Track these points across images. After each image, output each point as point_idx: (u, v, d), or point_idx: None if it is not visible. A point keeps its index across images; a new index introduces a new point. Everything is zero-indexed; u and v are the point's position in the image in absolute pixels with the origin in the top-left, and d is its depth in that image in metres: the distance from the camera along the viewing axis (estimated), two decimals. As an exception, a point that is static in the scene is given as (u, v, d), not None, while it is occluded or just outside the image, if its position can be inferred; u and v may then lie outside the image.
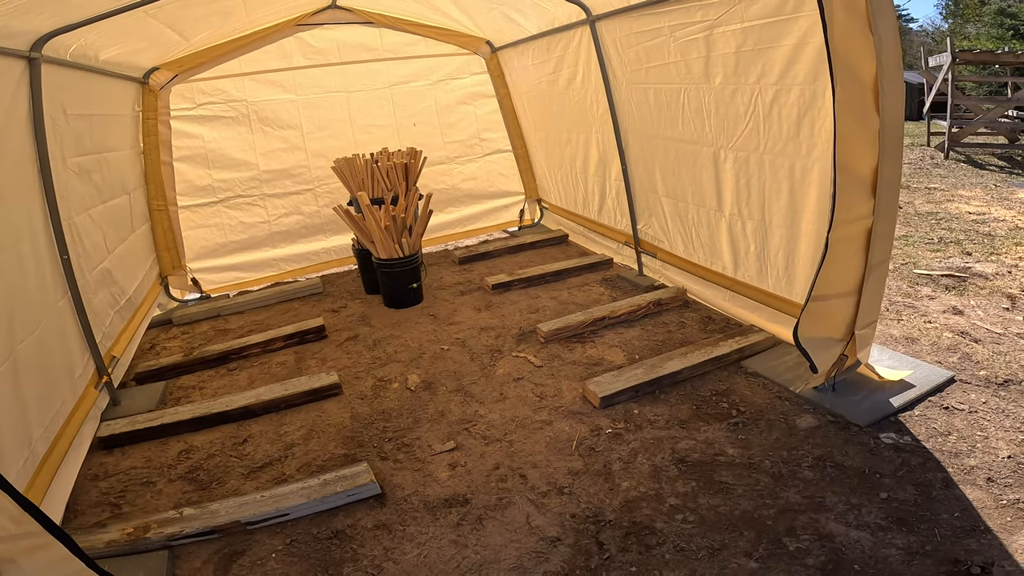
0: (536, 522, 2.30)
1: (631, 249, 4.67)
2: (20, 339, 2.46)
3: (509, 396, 3.20)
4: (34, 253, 2.76)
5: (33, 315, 2.65)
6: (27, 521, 1.51)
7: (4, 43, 2.55)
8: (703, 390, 3.08)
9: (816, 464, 2.47)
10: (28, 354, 2.50)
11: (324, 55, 5.21)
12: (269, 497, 2.44)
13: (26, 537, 1.53)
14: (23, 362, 2.44)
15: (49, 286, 2.87)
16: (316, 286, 5.02)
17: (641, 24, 3.70)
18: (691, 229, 3.89)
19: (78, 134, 3.42)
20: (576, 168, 5.24)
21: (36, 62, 2.84)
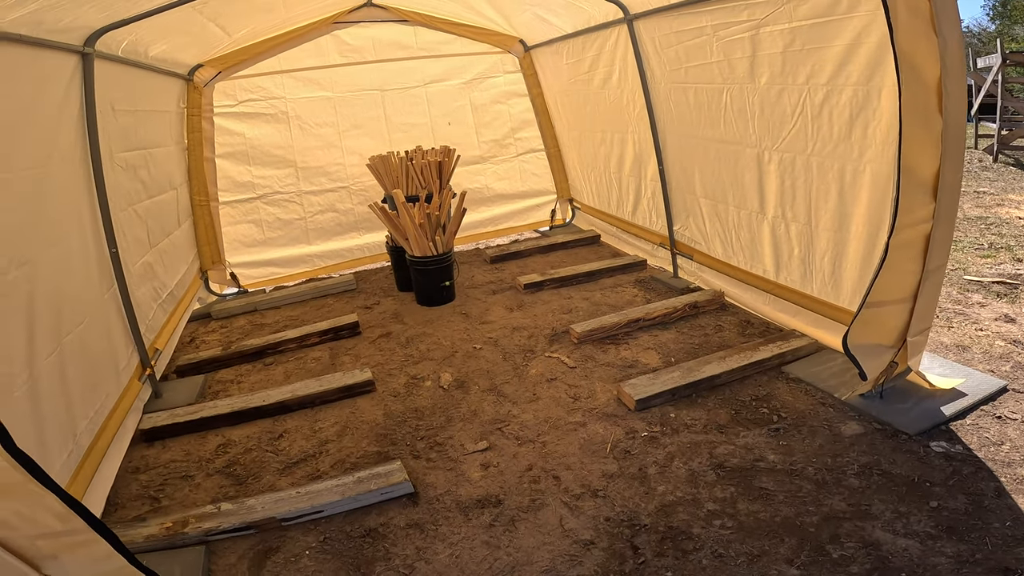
0: (569, 525, 2.28)
1: (666, 251, 4.59)
2: (67, 332, 2.50)
3: (542, 397, 3.17)
4: (82, 247, 2.81)
5: (80, 308, 2.69)
6: (72, 519, 1.51)
7: (58, 37, 2.58)
8: (742, 395, 3.01)
9: (862, 472, 2.40)
10: (75, 346, 2.54)
11: (360, 53, 5.26)
12: (304, 494, 2.45)
13: (70, 534, 1.54)
14: (70, 354, 2.48)
15: (96, 279, 2.92)
16: (349, 283, 5.07)
17: (682, 23, 3.63)
18: (731, 231, 3.81)
19: (125, 130, 3.48)
20: (610, 168, 5.18)
21: (89, 57, 2.88)
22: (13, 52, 2.28)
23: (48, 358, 2.31)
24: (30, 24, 2.31)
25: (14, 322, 2.13)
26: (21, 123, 2.36)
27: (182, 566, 2.15)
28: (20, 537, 1.50)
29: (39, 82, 2.54)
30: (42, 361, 2.25)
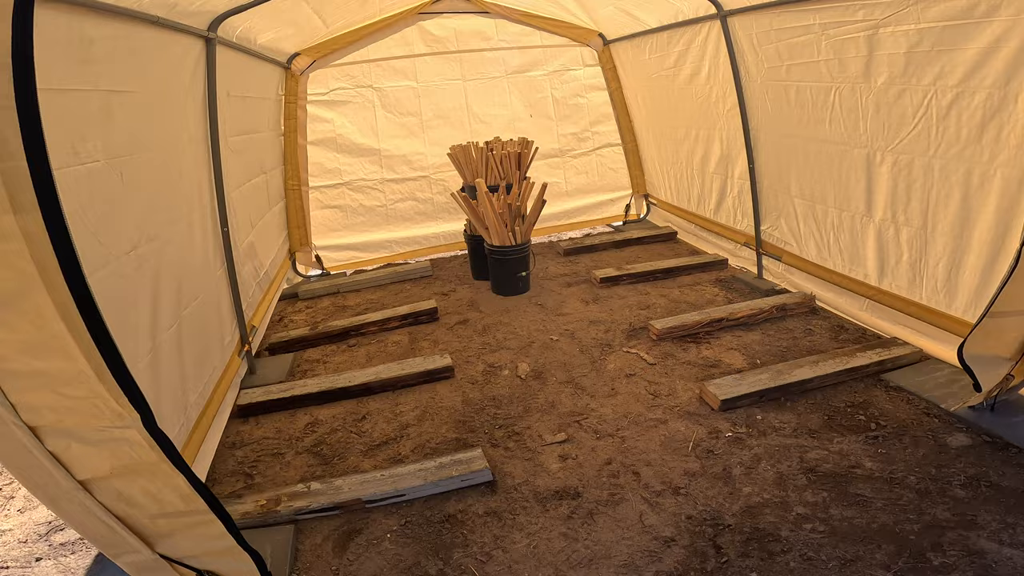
0: (649, 521, 2.25)
1: (750, 250, 4.42)
2: (185, 305, 2.63)
3: (621, 392, 3.14)
4: (201, 225, 2.96)
5: (197, 283, 2.82)
6: (195, 500, 1.55)
7: (186, 21, 2.71)
8: (836, 401, 2.89)
9: (969, 483, 2.28)
10: (191, 320, 2.67)
11: (443, 43, 5.34)
12: (388, 477, 2.49)
13: (191, 515, 1.57)
14: (187, 328, 2.60)
15: (212, 256, 3.07)
16: (426, 269, 5.18)
17: (784, 20, 3.49)
18: (828, 233, 3.63)
19: (237, 114, 3.66)
20: (693, 164, 5.04)
21: (212, 42, 3.02)
22: (149, 34, 2.43)
23: (169, 330, 2.42)
24: (164, 7, 2.44)
25: (142, 294, 2.26)
26: (157, 104, 2.52)
27: (272, 544, 2.18)
28: (142, 516, 1.55)
29: (172, 65, 2.69)
30: (163, 333, 2.38)
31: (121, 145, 2.21)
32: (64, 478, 1.42)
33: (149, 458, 1.45)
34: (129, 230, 2.22)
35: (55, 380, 1.31)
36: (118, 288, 2.09)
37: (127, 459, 1.45)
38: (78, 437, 1.39)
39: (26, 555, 2.56)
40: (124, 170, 2.20)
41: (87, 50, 2.00)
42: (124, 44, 2.24)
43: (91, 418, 1.37)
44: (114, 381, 1.34)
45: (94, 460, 1.43)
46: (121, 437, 1.41)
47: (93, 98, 2.05)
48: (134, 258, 2.22)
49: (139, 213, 2.31)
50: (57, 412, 1.35)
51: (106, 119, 2.12)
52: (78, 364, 1.29)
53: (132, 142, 2.30)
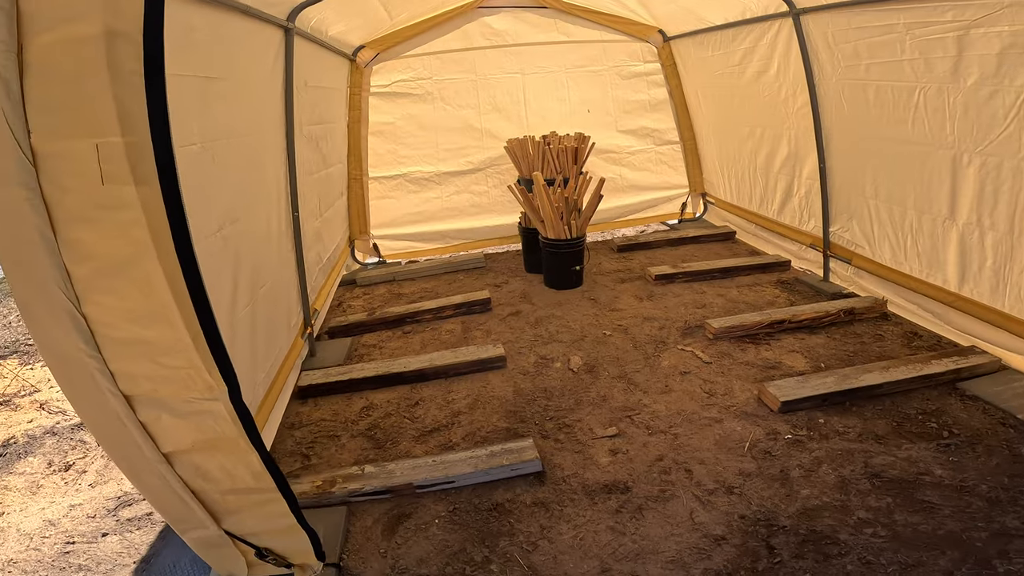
0: (700, 518, 2.21)
1: (816, 252, 4.26)
2: (260, 286, 2.72)
3: (675, 389, 3.08)
4: (277, 210, 3.07)
5: (271, 265, 2.92)
6: (265, 478, 1.59)
7: (269, 10, 2.81)
8: (906, 408, 2.76)
9: None
10: (264, 301, 2.76)
11: (502, 37, 5.35)
12: (439, 463, 2.51)
13: (259, 492, 1.62)
14: (260, 309, 2.68)
15: (284, 240, 3.18)
16: (479, 260, 5.23)
17: (864, 19, 3.35)
18: (906, 236, 3.47)
19: (312, 104, 3.77)
20: (757, 163, 4.89)
21: (291, 32, 3.12)
22: (238, 23, 2.52)
23: (244, 310, 2.51)
24: None
25: (224, 274, 2.36)
26: (243, 91, 2.62)
27: (325, 525, 2.21)
28: (214, 491, 1.61)
29: (256, 53, 2.79)
30: (240, 312, 2.46)
31: (214, 130, 2.30)
32: (150, 450, 1.48)
33: (230, 433, 1.49)
34: (217, 212, 2.31)
35: (156, 349, 1.36)
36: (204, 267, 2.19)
37: (210, 433, 1.49)
38: (169, 408, 1.44)
39: (93, 530, 2.69)
40: (216, 154, 2.30)
41: (189, 36, 2.08)
42: (217, 32, 2.34)
43: (184, 389, 1.42)
44: (209, 352, 1.38)
45: (180, 432, 1.48)
46: (208, 410, 1.46)
47: (192, 83, 2.14)
48: (219, 239, 2.30)
49: (226, 196, 2.41)
50: (153, 381, 1.40)
51: (202, 104, 2.21)
52: (179, 333, 1.34)
53: (223, 127, 2.39)
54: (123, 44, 1.17)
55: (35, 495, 2.96)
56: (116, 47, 1.17)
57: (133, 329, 1.33)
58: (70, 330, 1.29)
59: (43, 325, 1.29)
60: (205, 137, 2.21)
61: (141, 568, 2.47)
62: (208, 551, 1.74)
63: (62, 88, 1.17)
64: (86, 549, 2.58)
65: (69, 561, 2.53)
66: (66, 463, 3.21)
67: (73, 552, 2.58)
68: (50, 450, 3.34)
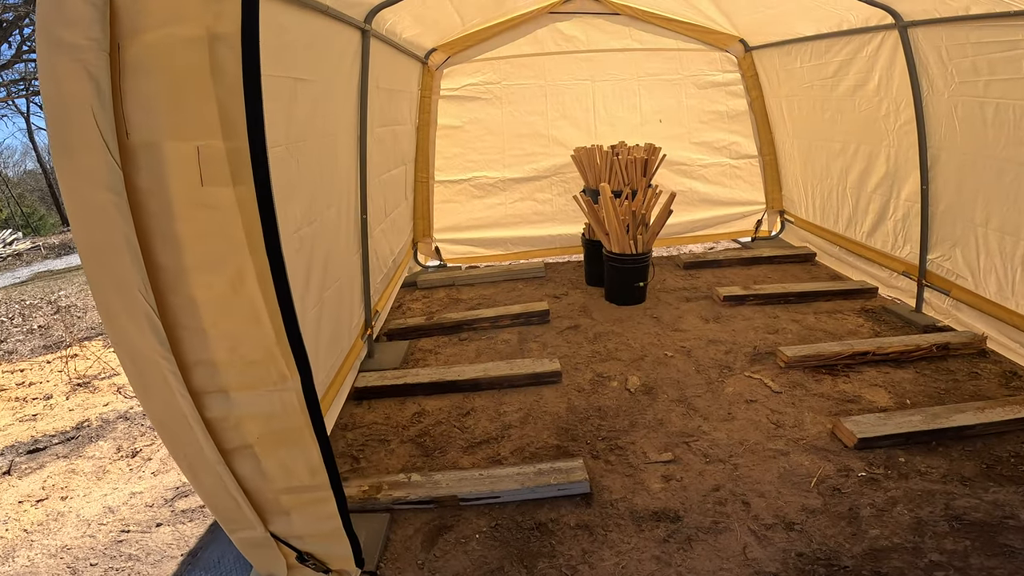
0: (753, 554, 2.06)
1: (910, 280, 3.92)
2: (328, 287, 2.75)
3: (738, 417, 2.90)
4: (347, 211, 3.11)
5: (339, 266, 2.94)
6: (321, 474, 1.58)
7: (348, 11, 2.84)
8: (999, 450, 2.52)
9: None
10: (331, 301, 2.78)
11: (573, 43, 5.27)
12: (486, 477, 2.47)
13: (313, 490, 1.61)
14: (327, 308, 2.71)
15: (352, 242, 3.22)
16: (539, 270, 5.17)
17: (983, 35, 3.07)
18: (1016, 269, 3.13)
19: (382, 106, 3.82)
20: (847, 183, 4.57)
21: (367, 34, 3.16)
22: (321, 23, 2.55)
23: (312, 309, 2.54)
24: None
25: (298, 274, 2.38)
26: (325, 92, 2.66)
27: (367, 531, 2.20)
28: (269, 490, 1.61)
29: (337, 54, 2.83)
30: (309, 311, 2.49)
31: (299, 131, 2.33)
32: (211, 450, 1.50)
33: (297, 423, 1.50)
34: (296, 213, 2.34)
35: (239, 341, 1.39)
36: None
37: (277, 424, 1.50)
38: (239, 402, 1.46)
39: (149, 519, 2.79)
40: (299, 156, 2.33)
41: (281, 37, 2.11)
42: (305, 32, 2.37)
43: (259, 380, 1.44)
44: (287, 343, 1.41)
45: (247, 426, 1.50)
46: (279, 400, 1.47)
47: (284, 85, 2.17)
48: (296, 239, 2.33)
49: (305, 197, 2.44)
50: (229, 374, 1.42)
51: (291, 105, 2.25)
52: (263, 326, 1.37)
53: (306, 129, 2.43)
54: (224, 48, 1.20)
55: (100, 480, 3.11)
56: (218, 51, 1.19)
57: (219, 322, 1.37)
58: (147, 331, 1.32)
59: (121, 325, 1.33)
60: (290, 139, 2.24)
61: (188, 561, 2.54)
62: (252, 551, 1.76)
63: (165, 89, 1.20)
64: (139, 539, 2.67)
65: (120, 550, 2.61)
66: (134, 449, 3.35)
67: (126, 541, 2.67)
68: (121, 435, 3.51)
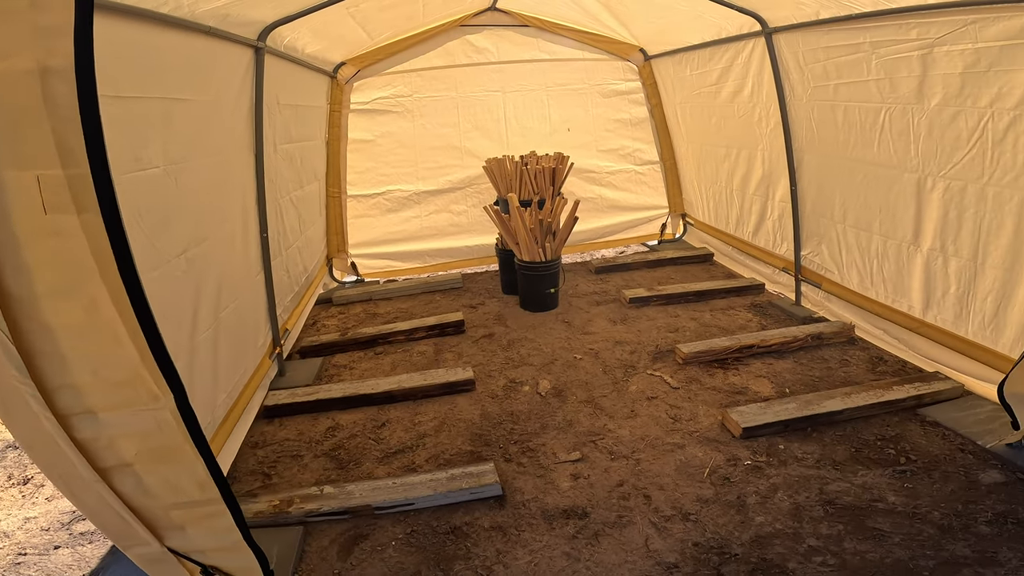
0: (655, 545, 2.21)
1: (789, 276, 4.28)
2: (224, 307, 2.71)
3: (640, 414, 3.08)
4: (244, 229, 3.06)
5: (236, 287, 2.90)
6: (210, 489, 1.59)
7: (237, 31, 2.82)
8: (866, 433, 2.78)
9: (995, 520, 2.20)
10: (228, 322, 2.74)
11: (484, 55, 5.39)
12: (399, 485, 2.51)
13: (205, 505, 1.61)
14: (223, 329, 2.68)
15: (252, 260, 3.16)
16: (456, 281, 5.24)
17: (832, 39, 3.38)
18: (872, 261, 3.49)
19: (287, 122, 3.77)
20: (733, 185, 4.93)
21: (261, 51, 3.13)
22: (203, 44, 2.54)
23: (206, 332, 2.50)
24: (217, 17, 2.55)
25: (186, 296, 2.35)
26: (209, 111, 2.63)
27: (280, 544, 2.23)
28: (157, 507, 1.59)
29: (223, 73, 2.80)
30: (201, 335, 2.45)
31: (178, 152, 2.30)
32: (86, 469, 1.48)
33: (175, 440, 1.50)
34: (180, 234, 2.31)
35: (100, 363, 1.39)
36: (166, 289, 2.18)
37: (154, 442, 1.50)
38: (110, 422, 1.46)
39: (46, 543, 2.68)
40: (180, 176, 2.30)
41: (153, 59, 2.11)
42: (182, 53, 2.36)
43: (128, 401, 1.44)
44: (155, 363, 1.42)
45: (123, 445, 1.49)
46: (153, 419, 1.47)
47: (156, 105, 2.16)
48: (183, 261, 2.30)
49: (191, 218, 2.41)
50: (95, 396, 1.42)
51: (166, 126, 2.23)
52: (125, 347, 1.38)
53: (188, 149, 2.40)
54: (57, 81, 1.20)
55: (-8, 508, 2.93)
56: (51, 83, 1.20)
57: (78, 346, 1.37)
58: (2, 359, 1.30)
59: None
60: (168, 159, 2.21)
61: (90, 581, 2.44)
62: (152, 567, 1.73)
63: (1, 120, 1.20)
64: (37, 561, 2.57)
65: (20, 572, 2.52)
66: (25, 476, 3.22)
67: (24, 563, 2.56)
68: (11, 464, 3.34)
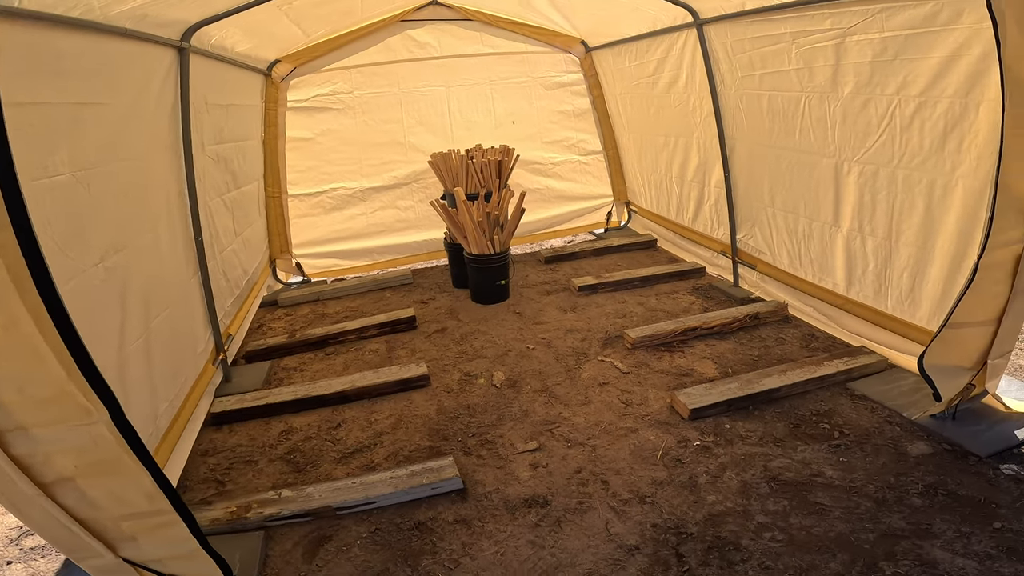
0: (615, 529, 2.28)
1: (727, 259, 4.48)
2: (155, 316, 2.63)
3: (594, 400, 3.17)
4: (171, 234, 2.96)
5: (167, 293, 2.82)
6: (160, 499, 1.56)
7: (159, 32, 2.72)
8: (802, 409, 2.93)
9: (926, 491, 2.33)
10: (161, 331, 2.67)
11: (425, 49, 5.35)
12: (359, 484, 2.51)
13: (154, 515, 1.59)
14: (156, 338, 2.60)
15: (183, 265, 3.07)
16: (406, 277, 5.20)
17: (757, 29, 3.54)
18: (799, 242, 3.69)
19: (217, 123, 3.65)
20: (672, 173, 5.10)
21: (185, 52, 3.03)
22: (118, 45, 2.43)
23: (136, 342, 2.42)
24: (134, 19, 2.45)
25: (110, 305, 2.27)
26: (127, 115, 2.52)
27: (242, 550, 2.21)
28: (106, 518, 1.56)
29: (142, 75, 2.69)
30: (131, 345, 2.38)
31: (89, 157, 2.21)
32: (27, 484, 1.44)
33: (114, 454, 1.47)
34: (96, 242, 2.22)
35: (24, 381, 1.35)
36: (86, 300, 2.10)
37: (92, 457, 1.46)
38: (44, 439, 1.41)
39: None
40: (92, 182, 2.20)
41: (57, 63, 2.02)
42: (94, 56, 2.25)
43: (58, 417, 1.40)
44: (83, 378, 1.38)
45: (59, 461, 1.45)
46: (87, 434, 1.43)
47: (63, 111, 2.07)
48: (102, 270, 2.22)
49: (107, 225, 2.31)
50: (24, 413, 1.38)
51: (75, 132, 2.13)
52: (48, 364, 1.33)
53: (101, 154, 2.30)
54: None
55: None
56: None
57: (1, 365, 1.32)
58: None
59: None
60: (77, 166, 2.12)
61: (47, 594, 2.34)
62: None
63: None
64: None
65: None
66: None
67: None
68: None
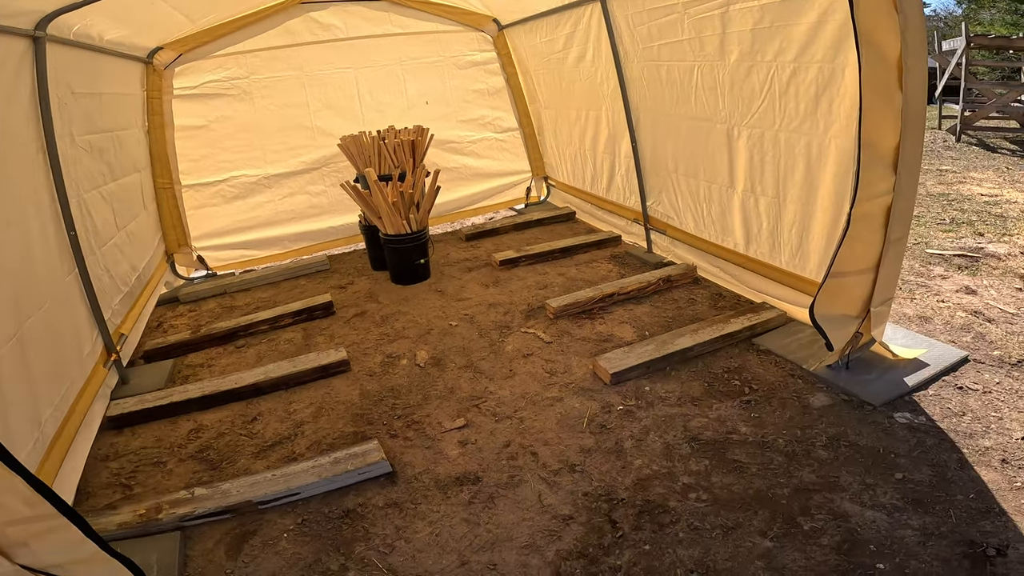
0: (548, 500, 2.29)
1: (640, 226, 4.63)
2: (27, 315, 2.43)
3: (519, 372, 3.19)
4: (40, 229, 2.72)
5: (40, 291, 2.61)
6: (40, 503, 1.47)
7: (7, 22, 2.52)
8: (715, 367, 3.06)
9: (830, 443, 2.44)
10: (36, 331, 2.47)
11: (331, 31, 5.13)
12: (280, 476, 2.42)
13: (39, 520, 1.50)
14: (30, 339, 2.41)
15: (56, 262, 2.83)
16: (322, 263, 5.01)
17: (654, 1, 3.65)
18: (702, 206, 3.86)
19: (88, 112, 3.38)
20: (585, 145, 5.19)
21: (40, 41, 2.81)
22: None
23: (8, 344, 2.24)
24: None
25: None
26: None
27: (158, 552, 2.13)
28: None
29: None
30: (2, 346, 2.19)
31: None
32: None
33: None
34: None
35: None
36: None
37: None
38: None
39: None
40: None
41: None
42: None
43: None
44: None
45: None
46: None
47: None
48: None
49: None
50: None
51: None
52: None
53: None
54: None
55: None
56: None
57: None
58: None
59: None
60: None
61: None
62: None
63: None
64: None
65: None
66: None
67: None
68: None
